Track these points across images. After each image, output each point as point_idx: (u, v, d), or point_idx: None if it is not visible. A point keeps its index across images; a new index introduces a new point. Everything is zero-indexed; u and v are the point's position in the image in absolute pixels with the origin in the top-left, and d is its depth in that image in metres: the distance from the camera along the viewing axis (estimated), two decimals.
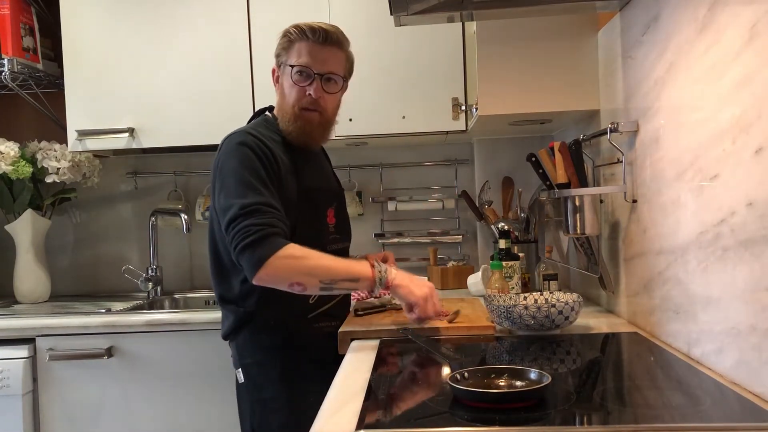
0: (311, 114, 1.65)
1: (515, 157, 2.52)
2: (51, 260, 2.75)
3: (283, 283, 1.49)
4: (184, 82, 2.44)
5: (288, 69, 1.63)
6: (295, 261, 1.47)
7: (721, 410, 1.06)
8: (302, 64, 1.61)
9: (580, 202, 1.77)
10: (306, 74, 1.62)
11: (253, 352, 1.64)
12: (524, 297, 1.72)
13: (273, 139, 1.64)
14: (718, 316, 1.19)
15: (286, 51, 1.65)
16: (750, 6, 1.05)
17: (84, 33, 2.46)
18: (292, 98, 1.64)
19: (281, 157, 1.61)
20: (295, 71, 1.62)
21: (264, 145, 1.58)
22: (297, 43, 1.62)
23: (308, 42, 1.61)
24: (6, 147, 2.52)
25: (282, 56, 1.66)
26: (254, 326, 1.64)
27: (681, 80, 1.33)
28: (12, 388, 2.14)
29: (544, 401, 1.07)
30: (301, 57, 1.62)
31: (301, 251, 1.48)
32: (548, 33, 1.94)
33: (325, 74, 1.63)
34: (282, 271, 1.46)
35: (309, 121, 1.65)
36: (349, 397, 1.17)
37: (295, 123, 1.65)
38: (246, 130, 1.63)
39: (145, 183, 2.84)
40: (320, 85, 1.63)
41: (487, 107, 1.97)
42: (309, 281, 1.49)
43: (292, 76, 1.62)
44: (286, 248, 1.46)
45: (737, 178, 1.11)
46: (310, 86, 1.62)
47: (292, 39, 1.63)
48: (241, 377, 1.66)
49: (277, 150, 1.62)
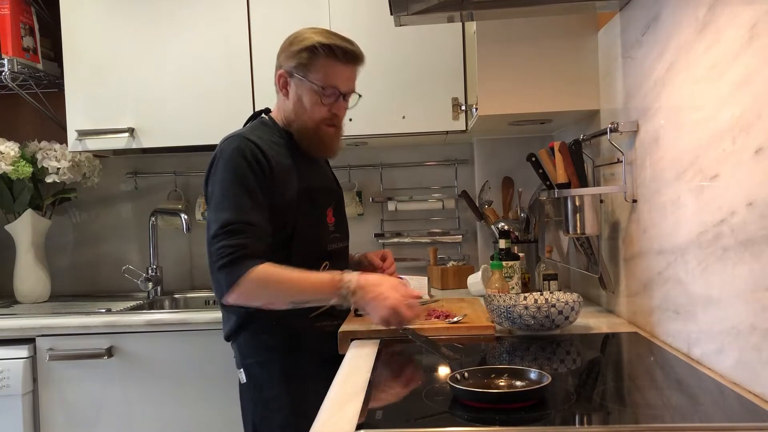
0: (331, 129, 1.68)
1: (515, 157, 2.52)
2: (51, 260, 2.75)
3: (253, 304, 1.55)
4: (184, 82, 2.44)
5: (312, 86, 1.62)
6: (262, 285, 1.50)
7: (721, 410, 1.06)
8: (333, 85, 1.62)
9: (580, 202, 1.77)
10: (333, 94, 1.64)
11: (255, 352, 1.64)
12: (524, 297, 1.72)
13: (273, 142, 1.64)
14: (718, 316, 1.19)
15: (306, 66, 1.62)
16: (750, 6, 1.05)
17: (84, 33, 2.46)
18: (315, 115, 1.64)
19: (279, 160, 1.61)
20: (326, 92, 1.62)
21: (259, 151, 1.57)
22: (323, 60, 1.61)
23: (336, 62, 1.61)
24: (6, 147, 2.53)
25: (300, 69, 1.63)
26: (256, 326, 1.64)
27: (681, 80, 1.33)
28: (12, 388, 2.14)
29: (544, 401, 1.07)
30: (329, 77, 1.62)
31: (268, 274, 1.49)
32: (548, 33, 1.94)
33: (349, 93, 1.67)
34: (250, 295, 1.51)
35: (328, 135, 1.68)
36: (349, 397, 1.17)
37: (316, 137, 1.67)
38: (243, 134, 1.62)
39: (145, 183, 2.84)
40: (344, 104, 1.66)
41: (487, 107, 1.97)
42: (278, 303, 1.54)
43: (322, 98, 1.63)
44: (255, 271, 1.47)
45: (737, 178, 1.11)
46: (334, 105, 1.65)
47: (317, 54, 1.61)
48: (243, 377, 1.66)
49: (276, 153, 1.62)
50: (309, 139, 1.67)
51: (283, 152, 1.64)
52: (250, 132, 1.64)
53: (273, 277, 1.50)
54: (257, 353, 1.64)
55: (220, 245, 1.50)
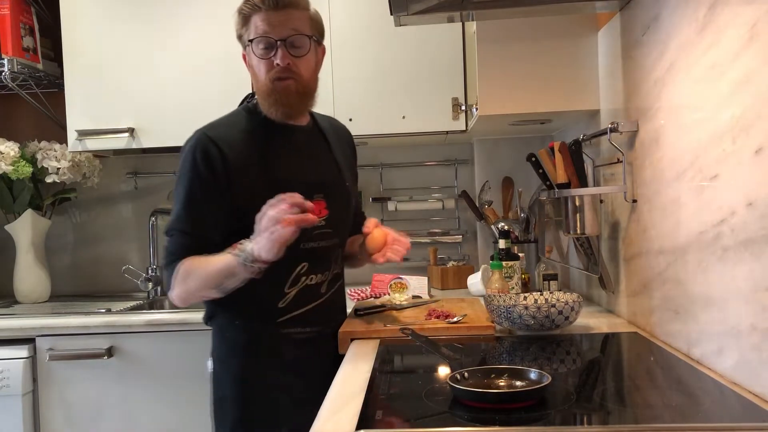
0: (286, 83, 1.53)
1: (515, 157, 2.52)
2: (51, 260, 2.75)
3: (196, 300, 1.56)
4: (184, 82, 2.44)
5: (250, 45, 1.55)
6: (185, 284, 1.50)
7: (721, 410, 1.06)
8: (260, 34, 1.52)
9: (580, 202, 1.77)
10: (268, 44, 1.53)
11: (219, 345, 1.63)
12: (524, 297, 1.72)
13: (239, 132, 1.56)
14: (718, 316, 1.19)
15: (245, 28, 1.56)
16: (750, 6, 1.05)
17: (84, 33, 2.46)
18: (262, 72, 1.55)
19: (239, 155, 1.52)
20: (257, 45, 1.53)
21: (214, 147, 1.50)
22: (252, 17, 1.53)
23: (261, 12, 1.52)
24: (6, 147, 2.52)
25: (243, 36, 1.57)
26: (221, 320, 1.62)
27: (681, 80, 1.33)
28: (12, 388, 2.14)
29: (544, 401, 1.07)
30: (258, 28, 1.52)
31: (184, 272, 1.49)
32: (548, 33, 1.94)
33: (287, 38, 1.53)
34: (183, 296, 1.53)
35: (285, 91, 1.54)
36: (349, 397, 1.17)
37: (270, 96, 1.55)
38: (203, 129, 1.57)
39: (145, 183, 2.84)
40: (286, 51, 1.53)
41: (487, 107, 1.97)
42: (205, 294, 1.53)
43: (254, 51, 1.54)
44: (178, 273, 1.50)
45: (737, 178, 1.11)
46: (275, 55, 1.53)
47: (246, 14, 1.54)
48: (210, 367, 1.65)
49: (236, 147, 1.52)
50: (268, 102, 1.55)
51: (249, 143, 1.55)
52: (216, 123, 1.60)
53: (189, 270, 1.49)
54: (220, 348, 1.62)
55: (165, 245, 1.55)
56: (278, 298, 1.56)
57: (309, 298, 1.59)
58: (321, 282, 1.61)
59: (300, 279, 1.57)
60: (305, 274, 1.57)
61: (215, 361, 1.63)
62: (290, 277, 1.56)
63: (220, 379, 1.61)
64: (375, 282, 2.25)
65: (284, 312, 1.57)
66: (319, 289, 1.61)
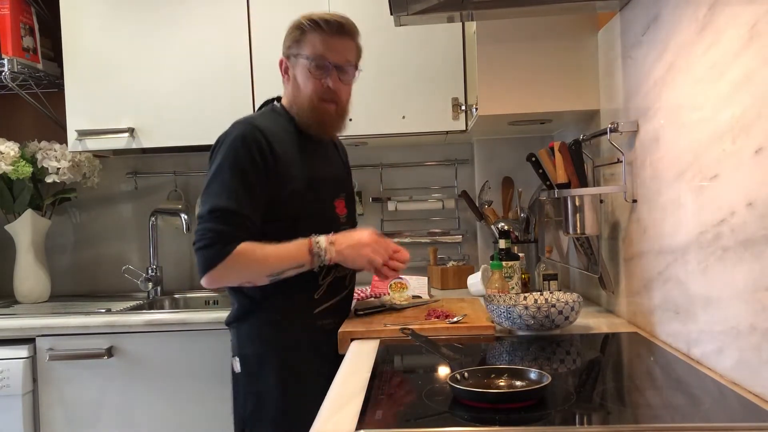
0: (329, 105, 1.66)
1: (515, 157, 2.52)
2: (51, 260, 2.75)
3: (231, 284, 1.58)
4: (184, 82, 2.44)
5: (303, 61, 1.63)
6: (238, 268, 1.52)
7: (721, 410, 1.06)
8: (319, 54, 1.62)
9: (580, 202, 1.77)
10: (323, 66, 1.62)
11: (253, 343, 1.64)
12: (524, 297, 1.72)
13: (280, 129, 1.64)
14: (718, 316, 1.19)
15: (298, 43, 1.64)
16: (750, 6, 1.05)
17: (84, 33, 2.46)
18: (308, 90, 1.64)
19: (284, 149, 1.61)
20: (312, 63, 1.62)
21: (264, 138, 1.57)
22: (310, 35, 1.62)
23: (323, 33, 1.61)
24: (6, 147, 2.53)
25: (294, 48, 1.65)
26: (257, 317, 1.64)
27: (681, 80, 1.33)
28: (12, 388, 2.14)
29: (544, 401, 1.07)
30: (316, 48, 1.62)
31: (245, 256, 1.51)
32: (548, 33, 1.94)
33: (341, 65, 1.64)
34: (228, 275, 1.53)
35: (327, 113, 1.66)
36: (349, 397, 1.17)
37: (312, 114, 1.65)
38: (250, 120, 1.62)
39: (145, 183, 2.84)
40: (337, 76, 1.64)
41: (487, 107, 1.97)
42: (256, 279, 1.56)
43: (309, 69, 1.62)
44: (232, 255, 1.50)
45: (737, 178, 1.11)
46: (326, 78, 1.63)
47: (305, 30, 1.62)
48: (237, 367, 1.66)
49: (280, 141, 1.61)
50: (308, 117, 1.66)
51: (289, 140, 1.64)
52: (258, 118, 1.65)
53: (248, 254, 1.51)
54: (256, 345, 1.64)
55: (203, 227, 1.52)
56: (314, 289, 1.66)
57: (338, 289, 1.71)
58: (345, 275, 1.73)
59: (331, 271, 1.67)
60: (334, 266, 1.66)
61: (248, 357, 1.65)
62: (324, 269, 1.65)
63: (256, 376, 1.63)
64: (375, 282, 2.25)
65: (319, 303, 1.67)
66: (344, 282, 1.74)
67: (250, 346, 1.65)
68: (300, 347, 1.64)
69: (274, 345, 1.63)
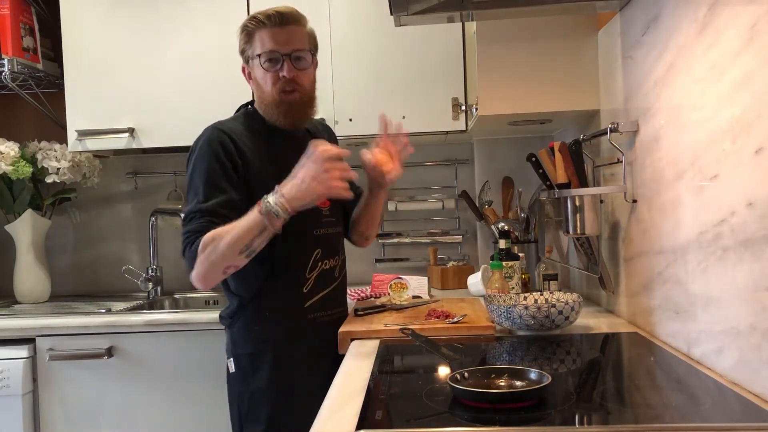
0: (292, 95, 1.65)
1: (515, 157, 2.52)
2: (51, 260, 2.75)
3: (218, 276, 1.55)
4: (184, 82, 2.44)
5: (256, 60, 1.64)
6: (210, 254, 1.50)
7: (721, 410, 1.06)
8: (268, 50, 1.63)
9: (580, 202, 1.77)
10: (274, 59, 1.63)
11: (246, 343, 1.65)
12: (524, 297, 1.72)
13: (249, 129, 1.66)
14: (718, 316, 1.19)
15: (249, 44, 1.66)
16: (750, 6, 1.05)
17: (84, 33, 2.46)
18: (268, 85, 1.64)
19: (252, 148, 1.62)
20: (263, 59, 1.63)
21: (229, 139, 1.60)
22: (257, 33, 1.64)
23: (267, 28, 1.63)
24: (6, 147, 2.52)
25: (247, 51, 1.67)
26: (249, 316, 1.65)
27: (681, 80, 1.33)
28: (12, 388, 2.14)
29: (544, 401, 1.07)
30: (264, 44, 1.63)
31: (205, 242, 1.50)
32: (548, 33, 1.94)
33: (293, 53, 1.63)
34: (207, 269, 1.51)
35: (291, 102, 1.65)
36: (349, 397, 1.17)
37: (278, 108, 1.65)
38: (215, 125, 1.65)
39: (145, 183, 2.84)
40: (291, 64, 1.63)
41: (487, 107, 1.97)
42: (233, 261, 1.51)
43: (262, 65, 1.64)
44: (201, 246, 1.50)
45: (737, 178, 1.11)
46: (281, 69, 1.63)
47: (250, 31, 1.65)
48: (232, 367, 1.67)
49: (247, 140, 1.63)
50: (274, 112, 1.66)
51: (257, 139, 1.65)
52: (226, 122, 1.67)
53: (209, 240, 1.50)
54: (248, 344, 1.65)
55: (182, 233, 1.55)
56: (302, 283, 1.66)
57: (327, 282, 1.71)
58: (333, 267, 1.73)
59: (317, 264, 1.68)
60: (320, 259, 1.69)
61: (242, 357, 1.66)
62: (309, 263, 1.66)
63: (249, 375, 1.64)
64: (375, 282, 2.26)
65: (308, 297, 1.67)
66: (333, 273, 1.73)
67: (243, 345, 1.66)
68: (293, 343, 1.64)
69: (267, 342, 1.64)
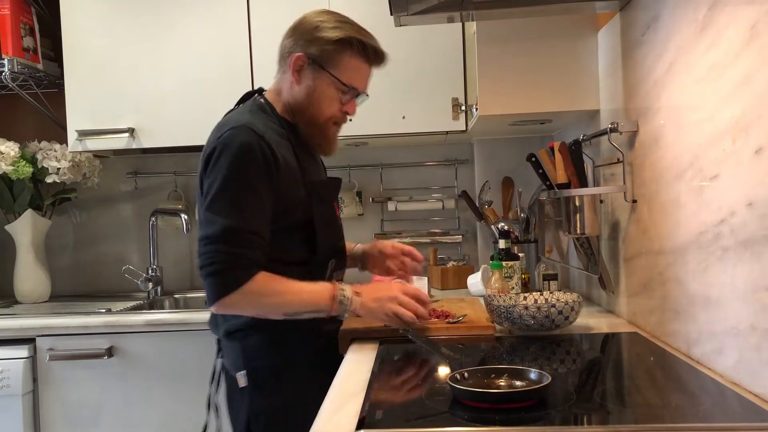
0: (336, 127, 1.62)
1: (515, 157, 2.52)
2: (51, 260, 2.75)
3: (245, 312, 1.47)
4: (184, 82, 2.44)
5: (333, 81, 1.54)
6: (256, 298, 1.41)
7: (721, 410, 1.06)
8: (358, 84, 1.57)
9: (580, 202, 1.77)
10: (352, 93, 1.57)
11: (265, 356, 1.53)
12: (524, 297, 1.72)
13: (275, 133, 1.52)
14: (718, 316, 1.19)
15: (333, 56, 1.53)
16: (750, 6, 1.05)
17: (84, 33, 2.46)
18: (328, 112, 1.56)
19: (285, 156, 1.50)
20: (348, 89, 1.55)
21: (268, 147, 1.45)
22: (355, 57, 1.54)
23: (365, 62, 1.56)
24: (6, 147, 2.53)
25: (324, 59, 1.53)
26: (267, 329, 1.52)
27: (681, 80, 1.33)
28: (12, 388, 2.14)
29: (544, 401, 1.07)
30: (353, 75, 1.55)
31: (263, 287, 1.41)
32: (548, 33, 1.94)
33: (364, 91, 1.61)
34: (241, 307, 1.44)
35: (332, 133, 1.61)
36: (349, 397, 1.17)
37: (319, 132, 1.59)
38: (250, 125, 1.46)
39: (145, 183, 2.84)
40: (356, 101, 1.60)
41: (487, 107, 1.97)
42: (269, 313, 1.46)
43: (339, 93, 1.55)
44: (251, 283, 1.39)
45: (737, 178, 1.11)
46: (349, 103, 1.58)
47: (352, 50, 1.53)
48: (243, 381, 1.53)
49: (281, 148, 1.50)
50: (312, 134, 1.58)
51: (285, 144, 1.53)
52: (256, 122, 1.49)
53: (269, 289, 1.42)
54: (268, 358, 1.53)
55: (214, 248, 1.38)
56: None
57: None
58: (342, 278, 1.70)
59: (332, 276, 1.64)
60: (334, 270, 1.65)
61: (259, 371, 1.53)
62: (326, 274, 1.61)
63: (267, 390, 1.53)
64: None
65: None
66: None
67: (259, 359, 1.53)
68: (310, 356, 1.56)
69: (288, 357, 1.54)
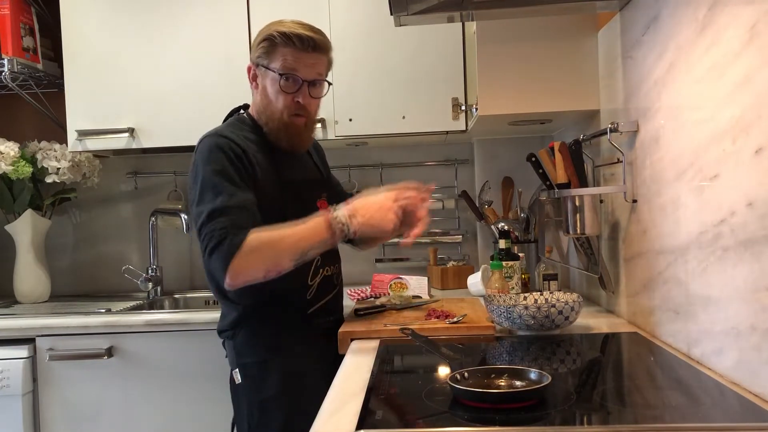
0: (299, 120, 1.63)
1: (515, 157, 2.52)
2: (51, 260, 2.75)
3: (257, 276, 1.47)
4: (184, 83, 2.44)
5: (273, 75, 1.60)
6: (257, 255, 1.44)
7: (721, 410, 1.06)
8: (290, 71, 1.59)
9: (580, 202, 1.77)
10: (294, 81, 1.60)
11: (253, 351, 1.62)
12: (524, 297, 1.72)
13: (248, 139, 1.61)
14: (718, 316, 1.19)
15: (268, 54, 1.60)
16: (750, 6, 1.05)
17: (84, 33, 2.46)
18: (279, 105, 1.61)
19: (256, 157, 1.58)
20: (283, 79, 1.59)
21: (237, 146, 1.55)
22: (282, 48, 1.58)
23: (295, 49, 1.58)
24: (6, 147, 2.52)
25: (263, 59, 1.61)
26: (253, 325, 1.62)
27: (681, 80, 1.33)
28: (12, 388, 2.14)
29: (544, 401, 1.07)
30: (287, 63, 1.58)
31: (259, 241, 1.43)
32: (548, 33, 1.94)
33: (313, 81, 1.62)
34: (249, 270, 1.45)
35: (297, 127, 1.64)
36: (349, 397, 1.17)
37: (283, 129, 1.63)
38: (218, 132, 1.59)
39: (145, 183, 2.84)
40: (308, 92, 1.62)
41: (487, 107, 1.97)
42: (282, 264, 1.47)
43: (280, 84, 1.59)
44: (247, 243, 1.42)
45: (737, 178, 1.11)
46: (298, 93, 1.60)
47: (276, 43, 1.59)
48: (238, 377, 1.63)
49: (252, 150, 1.58)
50: (277, 131, 1.63)
51: (259, 149, 1.61)
52: (224, 129, 1.61)
53: (265, 240, 1.44)
54: (255, 353, 1.62)
55: (208, 229, 1.45)
56: (305, 291, 1.65)
57: (328, 289, 1.71)
58: (332, 274, 1.73)
59: (318, 271, 1.67)
60: (321, 266, 1.68)
61: (249, 367, 1.62)
62: (311, 270, 1.65)
63: (258, 385, 1.61)
64: (375, 282, 2.26)
65: (312, 303, 1.67)
66: (332, 280, 1.74)
67: (250, 354, 1.62)
68: (300, 349, 1.63)
69: (275, 351, 1.61)
